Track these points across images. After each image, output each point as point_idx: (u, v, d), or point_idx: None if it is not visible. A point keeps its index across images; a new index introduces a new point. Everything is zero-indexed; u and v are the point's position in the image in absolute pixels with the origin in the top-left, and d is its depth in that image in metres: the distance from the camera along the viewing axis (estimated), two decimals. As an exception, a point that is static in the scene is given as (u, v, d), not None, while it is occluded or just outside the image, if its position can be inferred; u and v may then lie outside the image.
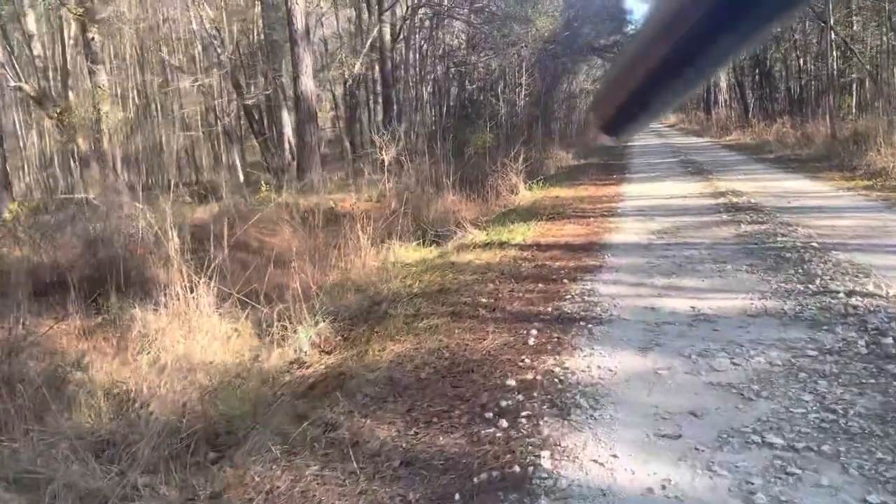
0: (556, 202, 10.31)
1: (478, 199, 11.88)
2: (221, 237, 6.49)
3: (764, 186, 10.12)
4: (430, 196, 11.72)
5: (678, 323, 4.17)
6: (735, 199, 8.98)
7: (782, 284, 4.81)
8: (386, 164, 11.80)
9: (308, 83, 12.79)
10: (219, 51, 19.01)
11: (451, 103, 25.64)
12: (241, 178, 14.11)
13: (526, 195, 11.52)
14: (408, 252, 8.03)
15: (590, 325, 4.24)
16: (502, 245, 7.11)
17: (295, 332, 4.81)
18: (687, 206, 8.93)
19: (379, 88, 19.46)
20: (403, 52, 17.98)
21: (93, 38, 12.84)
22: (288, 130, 15.74)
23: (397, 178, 12.74)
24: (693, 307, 4.47)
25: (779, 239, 6.32)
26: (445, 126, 21.67)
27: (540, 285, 5.36)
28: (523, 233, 7.73)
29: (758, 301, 4.49)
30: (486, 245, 7.21)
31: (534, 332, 4.21)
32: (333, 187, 13.28)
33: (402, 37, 18.42)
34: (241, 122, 21.50)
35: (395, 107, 16.05)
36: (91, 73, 12.71)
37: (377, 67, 19.04)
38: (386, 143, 11.98)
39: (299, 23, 12.76)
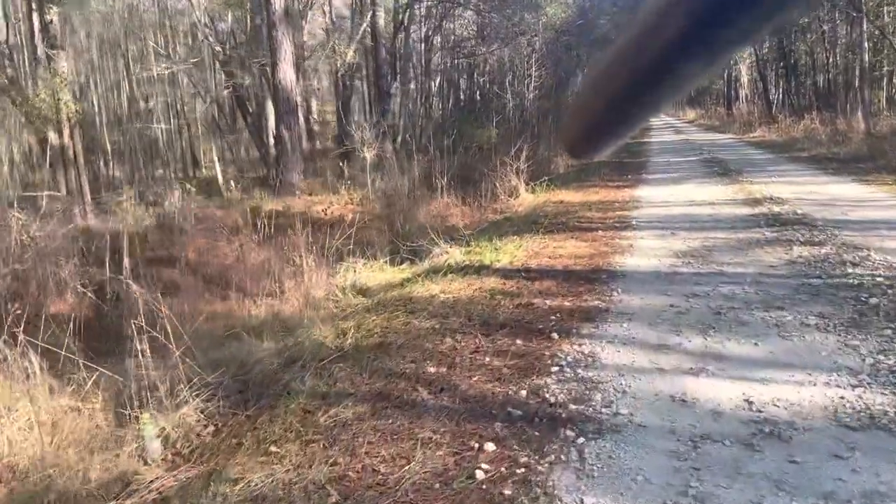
0: (560, 208, 8.57)
1: (473, 203, 10.21)
2: (133, 253, 4.90)
3: (806, 191, 8.30)
4: (418, 199, 10.07)
5: (729, 440, 2.44)
6: (776, 209, 7.18)
7: (881, 358, 3.06)
8: (369, 162, 10.15)
9: (287, 71, 11.14)
10: (210, 39, 17.45)
11: (462, 97, 23.96)
12: (220, 175, 12.54)
13: (527, 199, 9.79)
14: (372, 273, 6.37)
15: (582, 439, 2.52)
16: (482, 270, 5.40)
17: (149, 415, 3.15)
18: (717, 216, 7.15)
19: (389, 82, 17.74)
20: (403, 41, 16.23)
21: (51, 21, 11.26)
22: (272, 124, 14.12)
23: (388, 177, 11.09)
24: (748, 400, 2.74)
25: (849, 270, 4.55)
26: (450, 120, 20.01)
27: (518, 342, 3.65)
28: (513, 252, 6.02)
29: (850, 391, 2.75)
30: (464, 269, 5.50)
31: (490, 446, 2.51)
32: (318, 187, 11.62)
33: (403, 25, 16.71)
34: (232, 114, 19.92)
35: (391, 99, 14.35)
36: (49, 59, 11.14)
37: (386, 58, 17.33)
38: (370, 139, 10.32)
39: (278, 3, 11.10)
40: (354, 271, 6.35)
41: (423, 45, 20.90)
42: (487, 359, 3.44)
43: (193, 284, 6.20)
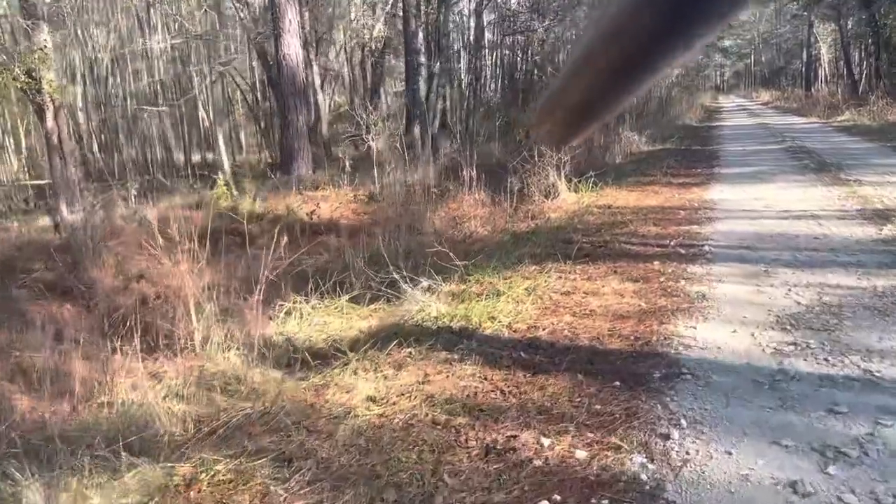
0: (606, 217, 6.29)
1: (505, 202, 7.99)
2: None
3: (948, 200, 5.80)
4: (436, 198, 7.94)
5: None
6: (919, 231, 4.76)
7: None
8: (376, 151, 8.05)
9: (292, 44, 9.11)
10: (242, 15, 15.60)
11: (518, 76, 21.53)
12: (227, 165, 10.68)
13: (567, 200, 7.51)
14: (327, 317, 4.32)
15: None
16: (462, 341, 3.24)
17: None
18: (830, 239, 4.77)
19: (423, 59, 15.60)
20: (444, 14, 13.96)
21: (29, -14, 9.53)
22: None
23: (407, 170, 9.00)
24: None
25: None
26: (501, 103, 17.78)
27: None
28: (521, 299, 3.83)
29: None
30: (436, 334, 3.36)
31: None
32: (327, 181, 9.58)
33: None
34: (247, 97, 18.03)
35: (422, 78, 12.16)
36: (28, 31, 9.46)
37: (419, 32, 15.11)
38: (379, 124, 8.22)
39: (282, -36, 9.05)
40: (300, 315, 4.31)
41: (473, 19, 18.60)
42: None
43: (84, 327, 4.29)
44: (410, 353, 3.11)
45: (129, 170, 14.44)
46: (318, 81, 12.07)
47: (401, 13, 12.22)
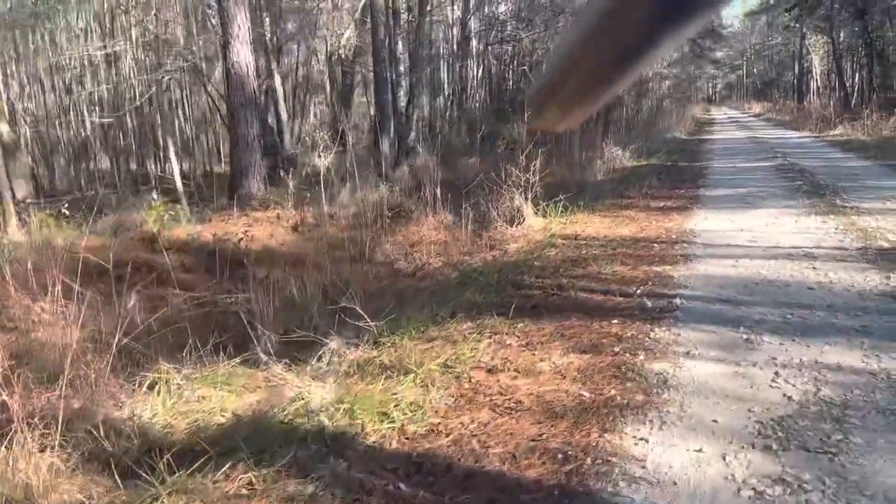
0: (569, 251, 5.37)
1: (469, 227, 7.05)
2: None
3: (962, 236, 4.87)
4: (390, 221, 7.04)
5: None
6: (936, 284, 3.83)
7: None
8: (324, 169, 7.14)
9: (242, 51, 8.19)
10: (213, 22, 14.70)
11: (507, 87, 20.68)
12: (179, 180, 9.75)
13: (533, 227, 6.59)
14: (200, 387, 3.40)
15: None
16: (329, 457, 2.31)
17: None
18: (829, 291, 3.84)
19: (402, 68, 14.75)
20: (419, 22, 13.07)
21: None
22: (283, 117, 11.19)
23: (363, 189, 8.11)
24: None
25: None
26: (483, 114, 16.95)
27: None
28: (430, 384, 2.90)
29: None
30: (301, 443, 2.44)
31: None
32: (279, 200, 8.61)
33: (428, 7, 13.58)
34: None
35: (400, 88, 11.26)
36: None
37: (398, 41, 14.21)
38: (325, 139, 7.30)
39: (232, -34, 8.15)
40: (168, 389, 3.39)
41: (458, 28, 17.75)
42: None
43: None
44: (250, 480, 2.18)
45: (94, 182, 13.55)
46: (280, 91, 11.17)
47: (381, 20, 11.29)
